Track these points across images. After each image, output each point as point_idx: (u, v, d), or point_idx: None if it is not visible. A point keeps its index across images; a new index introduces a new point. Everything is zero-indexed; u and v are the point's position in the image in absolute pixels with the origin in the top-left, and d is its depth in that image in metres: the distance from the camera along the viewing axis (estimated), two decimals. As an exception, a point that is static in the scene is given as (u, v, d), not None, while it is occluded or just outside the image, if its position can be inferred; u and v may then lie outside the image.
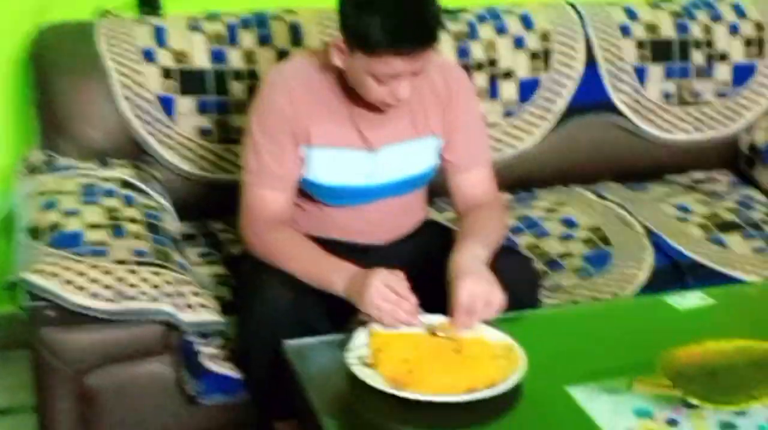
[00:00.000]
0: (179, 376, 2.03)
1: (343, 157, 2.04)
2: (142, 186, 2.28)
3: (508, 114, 2.67)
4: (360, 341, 1.83)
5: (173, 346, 2.03)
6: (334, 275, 1.91)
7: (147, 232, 2.08)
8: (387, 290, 1.83)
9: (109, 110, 2.40)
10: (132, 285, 1.95)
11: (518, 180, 2.72)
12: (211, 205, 2.50)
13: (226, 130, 2.47)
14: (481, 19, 2.65)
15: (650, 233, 2.48)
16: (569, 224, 2.54)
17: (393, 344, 1.83)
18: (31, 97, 2.46)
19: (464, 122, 2.11)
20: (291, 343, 1.86)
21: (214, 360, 2.05)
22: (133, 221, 2.10)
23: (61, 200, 2.16)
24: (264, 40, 2.49)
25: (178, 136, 2.46)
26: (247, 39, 2.48)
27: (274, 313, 1.90)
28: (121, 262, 1.98)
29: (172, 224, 2.21)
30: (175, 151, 2.46)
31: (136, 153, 2.43)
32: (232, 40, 2.47)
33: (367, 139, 2.04)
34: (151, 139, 2.44)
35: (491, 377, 1.72)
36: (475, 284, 1.85)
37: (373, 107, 1.98)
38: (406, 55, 1.85)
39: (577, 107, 2.71)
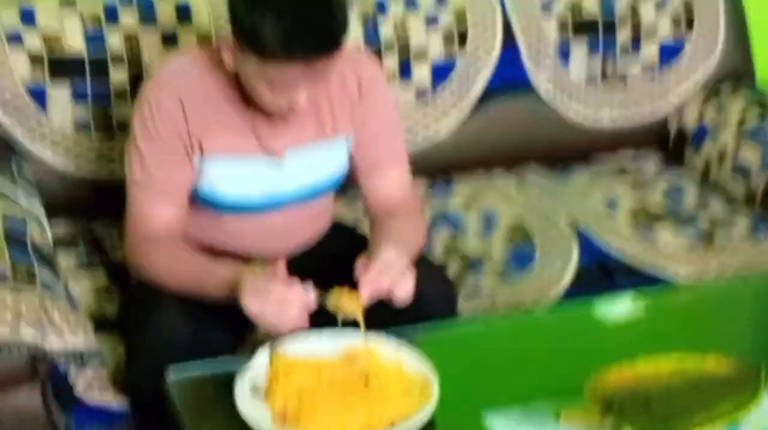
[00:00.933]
0: (47, 410, 1.79)
1: (242, 167, 1.80)
2: (5, 190, 2.01)
3: (421, 96, 2.45)
4: (259, 365, 1.61)
5: (42, 375, 1.78)
6: (212, 289, 1.68)
7: (5, 247, 1.81)
8: (263, 299, 1.60)
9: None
10: (-12, 311, 1.69)
11: (435, 168, 2.50)
12: (93, 206, 2.25)
13: (107, 123, 2.22)
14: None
15: (575, 227, 2.29)
16: (489, 218, 2.33)
17: (293, 371, 1.60)
18: None
19: (376, 118, 1.87)
20: (175, 370, 1.63)
21: (89, 390, 1.81)
22: (-9, 233, 1.84)
23: None
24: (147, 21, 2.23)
25: (52, 132, 2.19)
26: (129, 19, 2.22)
27: (170, 336, 1.68)
28: (-26, 284, 1.72)
29: (40, 233, 1.94)
30: (49, 148, 2.20)
31: (4, 150, 2.17)
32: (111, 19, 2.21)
33: (268, 147, 1.80)
34: (21, 134, 2.18)
35: (393, 416, 1.51)
36: (394, 256, 1.66)
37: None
38: (302, 62, 1.61)
39: (495, 90, 2.49)
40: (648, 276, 2.15)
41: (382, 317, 1.67)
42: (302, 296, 1.61)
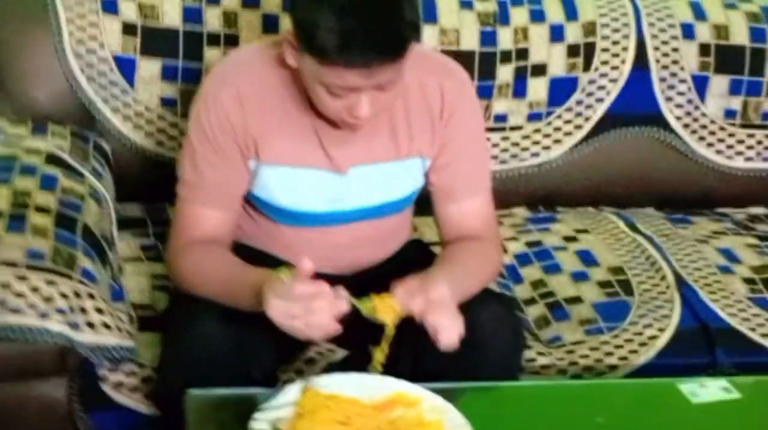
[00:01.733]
0: (71, 405, 1.68)
1: (302, 179, 1.64)
2: (74, 163, 1.91)
3: (534, 117, 2.25)
4: (287, 399, 1.46)
5: (70, 368, 1.67)
6: (241, 296, 1.53)
7: (54, 226, 1.71)
8: (287, 305, 1.44)
9: (56, 67, 2.03)
10: (19, 295, 1.59)
11: (539, 195, 2.32)
12: (170, 189, 2.14)
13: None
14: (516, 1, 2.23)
15: (681, 284, 2.04)
16: (587, 259, 2.11)
17: (320, 411, 1.44)
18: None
19: (461, 142, 1.68)
20: (195, 393, 1.49)
21: (118, 389, 1.69)
22: (41, 210, 1.72)
23: (-33, 173, 1.80)
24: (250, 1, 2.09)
25: (136, 105, 2.08)
26: (230, -3, 2.09)
27: (207, 348, 1.54)
28: (9, 264, 1.61)
29: (98, 214, 1.84)
30: (131, 122, 2.09)
31: (83, 120, 2.07)
32: (213, -4, 2.08)
33: (332, 159, 1.64)
34: (103, 105, 2.07)
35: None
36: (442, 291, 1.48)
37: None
38: (361, 67, 1.43)
39: (619, 116, 2.28)
40: (756, 352, 1.90)
41: (434, 360, 1.50)
42: (331, 300, 1.44)
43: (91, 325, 1.63)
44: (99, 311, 1.64)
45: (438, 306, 1.47)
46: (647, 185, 2.36)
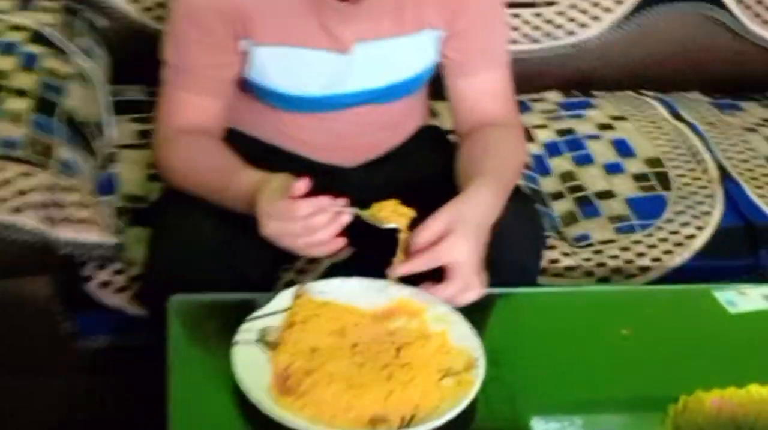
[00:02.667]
0: (54, 304, 1.57)
1: (301, 60, 1.47)
2: (59, 42, 1.75)
3: (568, -12, 2.04)
4: (279, 306, 1.33)
5: (51, 265, 1.55)
6: (231, 197, 1.38)
7: (32, 112, 1.56)
8: (284, 225, 1.28)
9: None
10: (-10, 187, 1.46)
11: (573, 78, 2.12)
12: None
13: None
14: None
15: (725, 178, 1.86)
16: (623, 149, 1.93)
17: (313, 320, 1.31)
18: None
19: (476, 8, 1.51)
20: (179, 300, 1.36)
21: (103, 289, 1.57)
22: (20, 93, 1.58)
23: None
24: None
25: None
26: None
27: (200, 249, 1.41)
28: (-20, 154, 1.49)
29: (83, 99, 1.68)
30: (128, -5, 1.93)
31: (75, -5, 1.91)
32: None
33: (333, 36, 1.46)
34: (95, -26, 1.91)
35: (416, 405, 1.20)
36: (463, 251, 1.31)
37: None
38: None
39: (664, -11, 2.06)
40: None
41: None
42: (332, 215, 1.28)
43: (69, 220, 1.50)
44: (79, 205, 1.51)
45: (451, 275, 1.32)
46: (694, 67, 2.16)
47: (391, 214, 1.34)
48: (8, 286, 1.56)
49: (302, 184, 1.28)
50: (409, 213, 1.34)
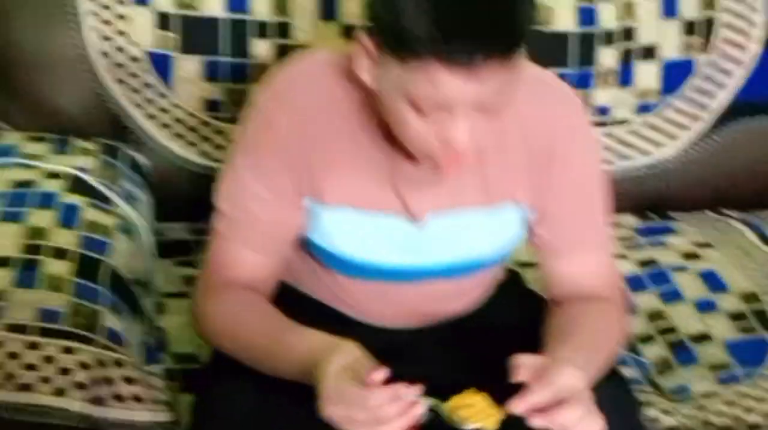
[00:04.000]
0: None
1: (370, 226, 1.32)
2: (101, 188, 1.61)
3: (643, 109, 1.91)
4: None
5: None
6: (283, 363, 1.23)
7: (73, 276, 1.42)
8: (348, 411, 1.12)
9: (81, 69, 1.75)
10: (29, 367, 1.30)
11: (650, 200, 1.98)
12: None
13: (242, 105, 1.79)
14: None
15: (834, 314, 1.70)
16: (713, 283, 1.76)
17: None
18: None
19: (571, 186, 1.34)
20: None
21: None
22: (59, 254, 1.44)
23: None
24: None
25: (175, 110, 1.79)
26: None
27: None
28: (17, 328, 1.33)
29: (131, 251, 1.54)
30: (170, 130, 1.80)
31: (114, 130, 1.79)
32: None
33: (407, 204, 1.31)
34: (137, 111, 1.79)
35: None
36: (574, 380, 1.16)
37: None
38: (465, 68, 1.10)
39: (745, 105, 1.93)
40: None
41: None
42: (404, 406, 1.12)
43: (118, 397, 1.34)
44: (128, 380, 1.36)
45: (570, 401, 1.15)
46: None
47: (477, 413, 1.17)
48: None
49: (379, 376, 1.12)
50: (497, 414, 1.16)
